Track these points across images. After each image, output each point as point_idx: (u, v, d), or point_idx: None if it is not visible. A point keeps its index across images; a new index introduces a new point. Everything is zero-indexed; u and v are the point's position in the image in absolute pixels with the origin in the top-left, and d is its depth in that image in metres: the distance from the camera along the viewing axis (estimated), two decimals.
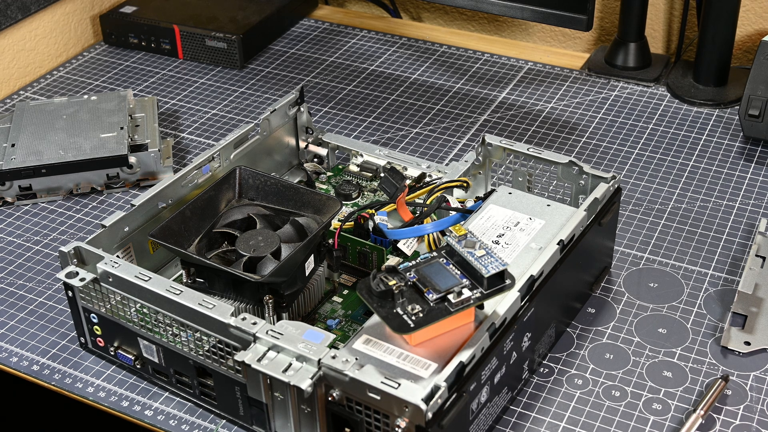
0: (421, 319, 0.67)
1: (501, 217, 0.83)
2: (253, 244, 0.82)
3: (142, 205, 0.85)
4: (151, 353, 0.79)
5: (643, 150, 1.11)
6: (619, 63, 1.26)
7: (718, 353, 0.83)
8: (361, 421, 0.67)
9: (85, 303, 0.80)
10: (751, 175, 1.06)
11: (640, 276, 0.92)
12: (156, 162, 1.05)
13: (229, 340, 0.72)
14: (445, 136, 1.15)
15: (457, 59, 1.32)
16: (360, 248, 0.87)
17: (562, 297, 0.82)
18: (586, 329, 0.86)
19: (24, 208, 1.04)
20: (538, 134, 1.15)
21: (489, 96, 1.23)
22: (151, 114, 1.11)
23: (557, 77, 1.27)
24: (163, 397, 0.81)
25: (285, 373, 0.67)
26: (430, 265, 0.71)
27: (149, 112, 1.12)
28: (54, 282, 0.94)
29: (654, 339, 0.85)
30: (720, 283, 0.91)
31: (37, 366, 0.84)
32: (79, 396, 0.81)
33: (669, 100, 1.20)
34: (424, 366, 0.68)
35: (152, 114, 1.12)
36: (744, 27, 1.26)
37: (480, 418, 0.72)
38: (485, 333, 0.69)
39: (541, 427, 0.77)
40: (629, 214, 1.01)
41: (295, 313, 0.82)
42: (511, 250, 0.79)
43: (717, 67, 1.19)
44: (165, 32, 1.33)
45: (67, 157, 1.03)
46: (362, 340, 0.70)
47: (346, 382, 0.66)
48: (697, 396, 0.79)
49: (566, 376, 0.81)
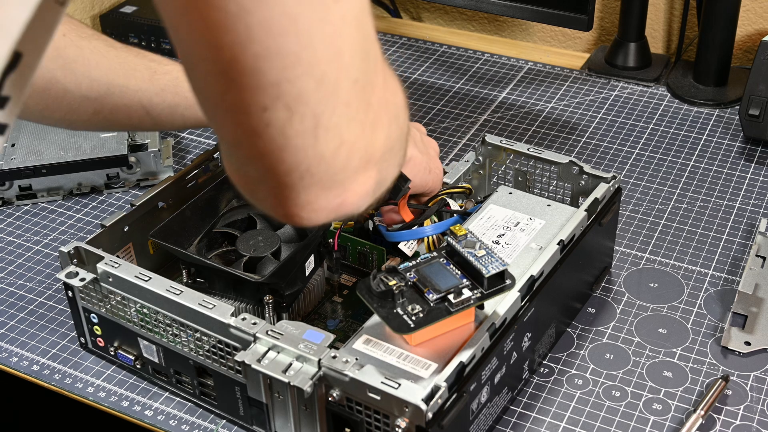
0: (421, 319, 0.67)
1: (501, 217, 0.83)
2: (253, 244, 0.82)
3: (142, 205, 0.85)
4: (151, 353, 0.79)
5: (643, 150, 1.11)
6: (619, 63, 1.26)
7: (718, 353, 0.83)
8: (361, 421, 0.67)
9: (85, 303, 0.80)
10: (751, 175, 1.06)
11: (640, 276, 0.92)
12: (156, 162, 1.05)
13: (229, 340, 0.71)
14: (445, 136, 1.15)
15: (457, 59, 1.32)
16: (360, 248, 0.87)
17: (562, 297, 0.82)
18: (586, 329, 0.86)
19: (24, 208, 1.04)
20: (538, 134, 1.15)
21: (489, 96, 1.23)
22: None
23: (557, 77, 1.27)
24: (163, 397, 0.81)
25: (285, 373, 0.67)
26: (431, 265, 0.71)
27: None
28: (54, 282, 0.94)
29: (654, 339, 0.85)
30: (720, 283, 0.91)
31: (37, 366, 0.84)
32: (79, 396, 0.81)
33: (669, 100, 1.20)
34: (424, 366, 0.68)
35: None
36: (744, 27, 1.26)
37: (480, 418, 0.72)
38: (485, 333, 0.69)
39: (541, 427, 0.77)
40: (629, 214, 1.00)
41: (295, 313, 0.82)
42: (511, 250, 0.79)
43: (717, 67, 1.19)
44: (165, 32, 1.33)
45: (67, 157, 1.03)
46: (362, 340, 0.70)
47: (346, 382, 0.66)
48: (697, 396, 0.79)
49: (566, 376, 0.81)
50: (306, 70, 0.45)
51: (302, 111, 0.46)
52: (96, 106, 0.81)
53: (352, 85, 0.48)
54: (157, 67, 0.84)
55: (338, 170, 0.50)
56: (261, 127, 0.46)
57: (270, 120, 0.46)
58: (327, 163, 0.49)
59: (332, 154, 0.49)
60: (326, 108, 0.47)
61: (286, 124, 0.46)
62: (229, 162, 0.52)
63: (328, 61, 0.46)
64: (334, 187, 0.51)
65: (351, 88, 0.48)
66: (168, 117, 0.85)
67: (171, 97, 0.84)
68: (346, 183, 0.51)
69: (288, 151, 0.48)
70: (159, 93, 0.84)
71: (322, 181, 0.50)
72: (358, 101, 0.49)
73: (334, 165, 0.50)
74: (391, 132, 0.55)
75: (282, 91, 0.45)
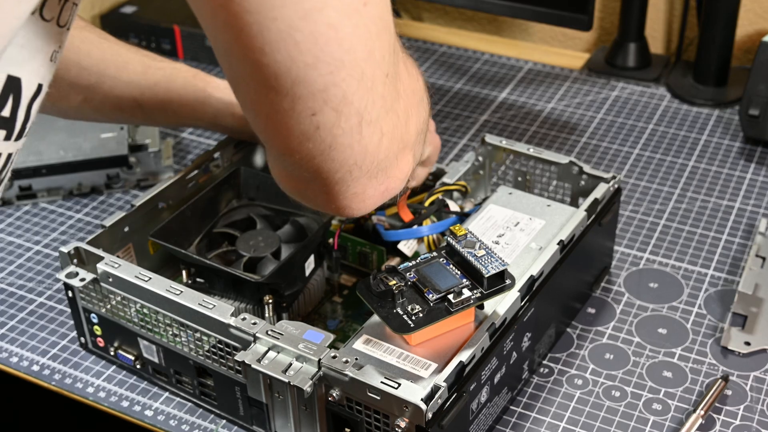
0: (421, 319, 0.67)
1: (501, 217, 0.83)
2: (253, 244, 0.82)
3: (142, 205, 0.85)
4: (151, 353, 0.79)
5: (643, 150, 1.11)
6: (619, 63, 1.26)
7: (718, 353, 0.83)
8: (361, 421, 0.67)
9: (85, 303, 0.80)
10: (751, 175, 1.06)
11: (640, 276, 0.92)
12: (156, 162, 1.05)
13: (229, 340, 0.72)
14: (445, 136, 1.15)
15: (457, 59, 1.32)
16: (360, 248, 0.87)
17: (562, 297, 0.82)
18: (586, 329, 0.86)
19: (24, 208, 1.04)
20: (538, 134, 1.15)
21: (489, 96, 1.23)
22: None
23: (557, 77, 1.27)
24: (163, 397, 0.81)
25: (285, 373, 0.67)
26: (430, 265, 0.71)
27: None
28: (54, 282, 0.94)
29: (654, 339, 0.85)
30: (720, 283, 0.91)
31: (37, 366, 0.84)
32: (79, 396, 0.81)
33: (669, 100, 1.20)
34: (424, 366, 0.68)
35: None
36: (744, 27, 1.26)
37: (480, 418, 0.72)
38: (485, 333, 0.69)
39: (541, 427, 0.77)
40: (629, 214, 1.00)
41: (295, 313, 0.82)
42: (511, 250, 0.79)
43: (717, 67, 1.19)
44: (165, 32, 1.33)
45: (68, 157, 1.03)
46: (362, 340, 0.70)
47: (346, 382, 0.66)
48: (697, 396, 0.79)
49: (566, 376, 0.81)
50: (349, 72, 0.49)
51: (347, 110, 0.51)
52: (86, 95, 0.82)
53: (385, 79, 0.52)
54: (151, 63, 0.85)
55: (381, 159, 0.55)
56: (311, 131, 0.51)
57: (319, 123, 0.50)
58: (372, 154, 0.54)
59: (376, 145, 0.54)
60: (367, 104, 0.51)
61: (335, 124, 0.51)
62: (278, 168, 0.57)
63: (365, 61, 0.50)
64: (379, 176, 0.56)
65: (385, 82, 0.52)
66: (161, 113, 0.86)
67: (164, 92, 0.85)
68: (389, 170, 0.56)
69: (337, 149, 0.52)
70: (152, 87, 0.84)
71: (369, 172, 0.55)
72: (390, 93, 0.53)
73: (377, 155, 0.54)
74: (420, 116, 0.60)
75: (329, 95, 0.49)
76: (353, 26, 0.48)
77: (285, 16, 0.46)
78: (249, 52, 0.47)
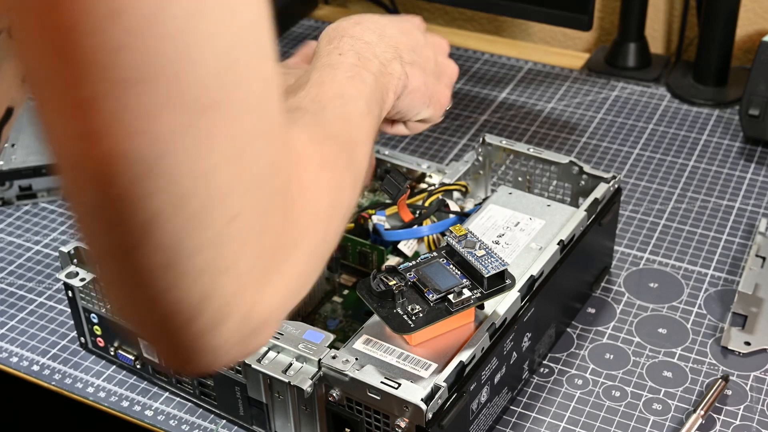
0: (421, 319, 0.67)
1: (501, 217, 0.83)
2: None
3: None
4: (151, 353, 0.79)
5: (643, 150, 1.11)
6: (619, 63, 1.26)
7: (718, 353, 0.83)
8: (361, 421, 0.67)
9: (85, 303, 0.80)
10: (751, 175, 1.06)
11: (640, 276, 0.92)
12: None
13: None
14: (445, 136, 1.15)
15: (457, 59, 1.32)
16: (360, 248, 0.87)
17: (562, 297, 0.82)
18: (586, 329, 0.86)
19: (24, 208, 1.04)
20: (538, 134, 1.15)
21: (489, 96, 1.23)
22: None
23: (557, 77, 1.27)
24: (163, 397, 0.81)
25: (285, 373, 0.67)
26: (430, 265, 0.71)
27: None
28: (54, 282, 0.94)
29: (654, 339, 0.85)
30: (720, 283, 0.91)
31: (37, 366, 0.84)
32: (79, 396, 0.81)
33: (669, 100, 1.20)
34: (424, 366, 0.68)
35: None
36: (744, 27, 1.26)
37: (480, 418, 0.72)
38: (485, 333, 0.69)
39: (541, 427, 0.77)
40: (629, 214, 1.00)
41: (295, 313, 0.82)
42: (511, 250, 0.79)
43: (717, 67, 1.19)
44: None
45: None
46: (362, 340, 0.70)
47: (346, 382, 0.66)
48: (697, 396, 0.79)
49: (566, 376, 0.81)
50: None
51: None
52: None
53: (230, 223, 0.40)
54: None
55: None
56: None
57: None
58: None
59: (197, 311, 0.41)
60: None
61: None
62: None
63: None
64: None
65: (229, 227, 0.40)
66: None
67: None
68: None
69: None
70: None
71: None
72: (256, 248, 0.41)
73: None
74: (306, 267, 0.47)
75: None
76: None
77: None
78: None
